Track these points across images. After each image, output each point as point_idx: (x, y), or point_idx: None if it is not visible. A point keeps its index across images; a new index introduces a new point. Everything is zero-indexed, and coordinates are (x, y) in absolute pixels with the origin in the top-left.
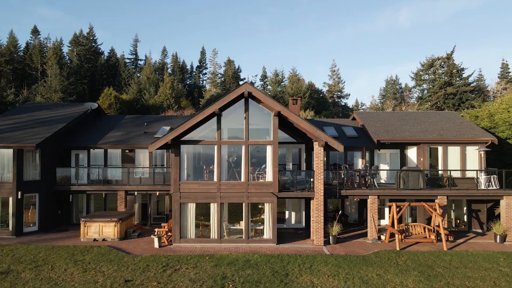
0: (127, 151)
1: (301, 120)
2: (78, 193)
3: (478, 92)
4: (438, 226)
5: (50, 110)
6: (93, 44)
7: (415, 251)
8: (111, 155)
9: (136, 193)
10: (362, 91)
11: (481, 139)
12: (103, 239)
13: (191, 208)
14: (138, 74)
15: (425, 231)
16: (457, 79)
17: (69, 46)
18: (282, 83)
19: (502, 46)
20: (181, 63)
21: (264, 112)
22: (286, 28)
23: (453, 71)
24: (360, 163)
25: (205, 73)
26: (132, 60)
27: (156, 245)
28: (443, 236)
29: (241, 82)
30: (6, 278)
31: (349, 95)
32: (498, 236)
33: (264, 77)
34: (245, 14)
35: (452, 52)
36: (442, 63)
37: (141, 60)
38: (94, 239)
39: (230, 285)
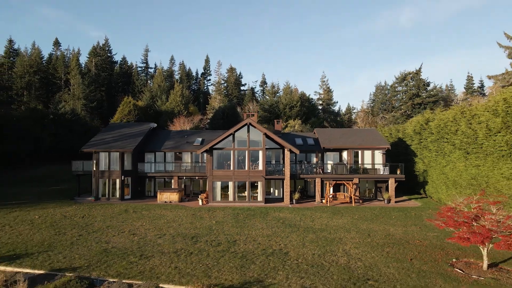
0: (177, 153)
1: (277, 137)
2: (150, 178)
3: (443, 101)
4: (354, 194)
5: (129, 128)
6: (108, 54)
7: (336, 206)
8: (167, 155)
9: (184, 177)
10: (359, 91)
11: (383, 146)
12: (170, 201)
13: (218, 184)
14: (149, 82)
15: (345, 197)
16: (424, 91)
17: (88, 57)
18: (277, 94)
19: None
20: (187, 70)
21: (258, 132)
22: (286, 27)
23: (420, 84)
24: (314, 160)
25: (209, 79)
26: (143, 68)
27: (200, 203)
28: (353, 199)
29: (242, 88)
30: (135, 213)
31: (337, 102)
32: (385, 200)
33: (263, 83)
34: (245, 14)
35: (420, 68)
36: (412, 77)
37: (151, 68)
38: (165, 202)
39: (240, 215)
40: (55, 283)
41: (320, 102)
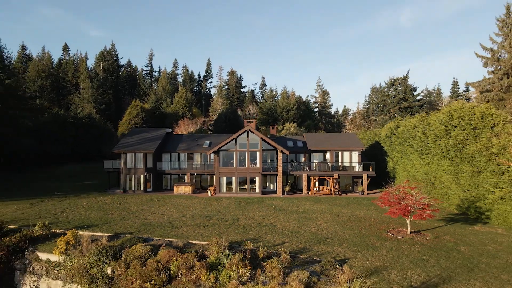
0: (189, 153)
1: (271, 141)
2: (167, 174)
3: (429, 105)
4: (334, 187)
5: (148, 133)
6: (115, 58)
7: (319, 197)
8: (181, 155)
9: (195, 174)
10: (358, 91)
11: (359, 148)
12: (184, 193)
13: (224, 179)
14: (154, 85)
15: (327, 190)
16: (410, 96)
17: (95, 61)
18: (275, 98)
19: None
20: (190, 73)
21: (256, 136)
22: (286, 27)
23: (407, 90)
24: (302, 160)
25: (211, 82)
26: (148, 71)
27: (209, 194)
28: (333, 191)
29: (242, 90)
30: (159, 201)
31: (332, 105)
32: (360, 192)
33: (263, 85)
34: (245, 14)
35: (407, 74)
36: (400, 83)
37: (155, 71)
38: (180, 193)
39: (242, 203)
40: (122, 239)
41: (316, 105)
